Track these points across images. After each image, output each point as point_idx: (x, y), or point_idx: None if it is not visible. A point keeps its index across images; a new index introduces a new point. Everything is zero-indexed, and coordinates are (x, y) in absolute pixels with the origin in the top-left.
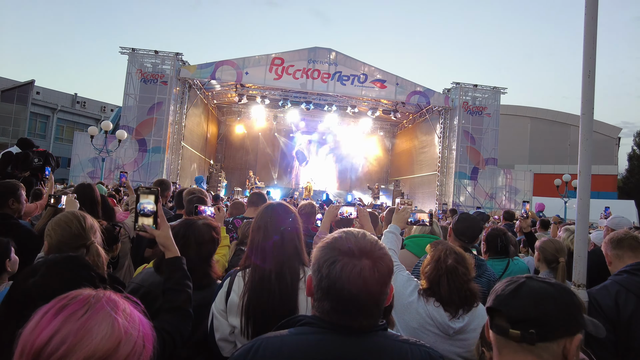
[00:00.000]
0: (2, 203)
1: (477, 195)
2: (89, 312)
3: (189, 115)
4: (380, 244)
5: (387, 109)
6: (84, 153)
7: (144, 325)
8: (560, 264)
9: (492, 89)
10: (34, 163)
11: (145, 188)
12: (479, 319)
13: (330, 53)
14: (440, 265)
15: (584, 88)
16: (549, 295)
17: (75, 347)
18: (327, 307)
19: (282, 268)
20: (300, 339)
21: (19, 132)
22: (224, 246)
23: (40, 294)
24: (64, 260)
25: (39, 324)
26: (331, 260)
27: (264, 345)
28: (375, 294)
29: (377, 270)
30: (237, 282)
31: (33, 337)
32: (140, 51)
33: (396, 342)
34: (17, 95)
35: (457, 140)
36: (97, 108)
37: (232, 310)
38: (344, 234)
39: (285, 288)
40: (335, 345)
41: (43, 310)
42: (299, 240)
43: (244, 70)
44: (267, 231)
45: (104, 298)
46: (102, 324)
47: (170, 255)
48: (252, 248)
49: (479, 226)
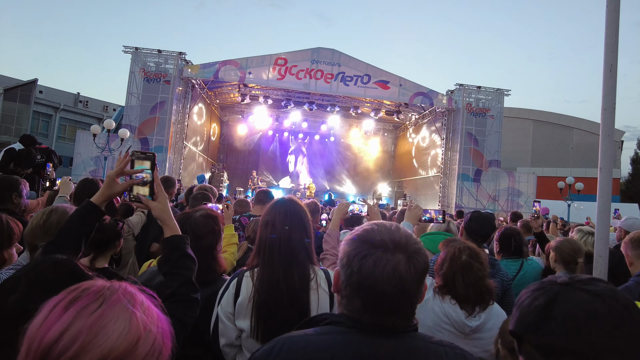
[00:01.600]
0: (5, 198)
1: (480, 198)
2: (104, 305)
3: (192, 114)
4: (415, 238)
5: (390, 110)
6: (86, 152)
7: (163, 321)
8: (578, 264)
9: (496, 91)
10: (36, 160)
11: (140, 152)
12: (495, 317)
13: (333, 53)
14: (454, 262)
15: (605, 82)
16: (595, 314)
17: (89, 345)
18: (358, 305)
19: (290, 266)
20: (327, 339)
21: (21, 131)
22: (232, 244)
23: (24, 313)
24: (48, 269)
25: (47, 319)
26: (363, 254)
27: (288, 345)
28: (410, 291)
29: (412, 266)
30: (245, 282)
31: (41, 334)
32: (143, 50)
33: (430, 343)
34: (20, 94)
35: (460, 142)
36: (99, 107)
37: (241, 312)
38: (376, 226)
39: (293, 287)
40: (366, 346)
41: (51, 303)
42: (308, 237)
43: (247, 70)
44: (274, 228)
45: (120, 290)
46: (119, 320)
47: (169, 233)
48: (259, 246)
49: (491, 225)
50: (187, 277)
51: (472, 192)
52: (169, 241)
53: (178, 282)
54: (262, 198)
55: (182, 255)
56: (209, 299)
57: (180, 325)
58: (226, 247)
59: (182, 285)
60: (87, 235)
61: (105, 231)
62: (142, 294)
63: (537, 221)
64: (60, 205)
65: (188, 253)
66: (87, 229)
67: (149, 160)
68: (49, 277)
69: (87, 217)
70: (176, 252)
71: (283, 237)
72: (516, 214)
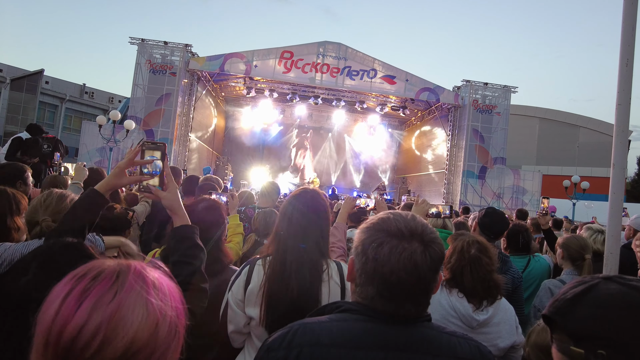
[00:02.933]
0: (11, 185)
1: (485, 195)
2: (119, 295)
3: (197, 107)
4: (431, 228)
5: (395, 105)
6: (91, 143)
7: (174, 296)
8: (586, 261)
9: (503, 88)
10: (43, 149)
11: (150, 142)
12: (503, 312)
13: (340, 47)
14: (463, 255)
15: (620, 77)
16: (629, 304)
17: (111, 337)
18: (372, 293)
19: (302, 262)
20: (341, 326)
21: (27, 121)
22: (237, 234)
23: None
24: (59, 251)
25: (62, 310)
26: (378, 241)
27: (302, 331)
28: (425, 280)
29: (429, 255)
30: (257, 270)
31: (58, 329)
32: (149, 42)
33: (443, 334)
34: (26, 84)
35: (466, 138)
36: (104, 99)
37: (251, 300)
38: (392, 215)
39: (304, 282)
40: (379, 333)
41: (61, 292)
42: (323, 231)
43: (253, 63)
44: (292, 219)
45: (130, 273)
46: (136, 308)
47: (179, 223)
48: (275, 236)
49: (506, 221)
50: (197, 267)
51: (477, 189)
52: (179, 231)
53: (187, 271)
54: (269, 191)
55: (192, 245)
56: (216, 290)
57: (189, 314)
58: (231, 237)
59: (191, 275)
60: (90, 222)
61: (116, 219)
62: (151, 272)
63: (545, 217)
64: (55, 189)
65: (197, 243)
66: (91, 216)
67: (159, 150)
68: (60, 259)
69: (91, 205)
70: (186, 242)
71: (299, 229)
72: (522, 212)
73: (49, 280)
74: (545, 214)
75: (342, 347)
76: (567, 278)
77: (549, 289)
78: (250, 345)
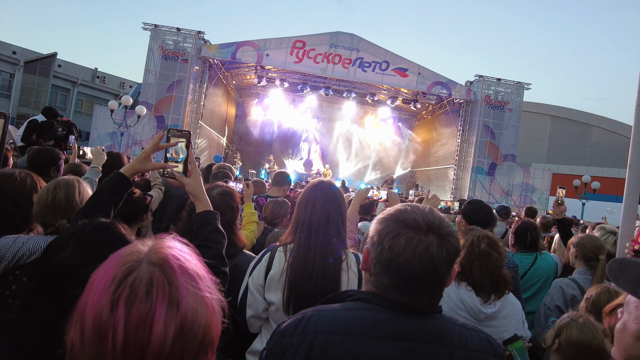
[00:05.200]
0: (44, 171)
1: (493, 191)
2: (182, 304)
3: (208, 94)
4: (448, 221)
5: (407, 98)
6: (103, 127)
7: (207, 272)
8: (600, 261)
9: (516, 84)
10: (58, 132)
11: (176, 130)
12: (510, 306)
13: (352, 38)
14: (473, 250)
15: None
16: None
17: (186, 343)
18: (386, 283)
19: (326, 247)
20: (354, 315)
21: (40, 104)
22: (252, 222)
23: (74, 271)
24: (95, 230)
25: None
26: (395, 232)
27: (315, 317)
28: (441, 272)
29: (445, 248)
30: (278, 257)
31: (137, 356)
32: (162, 28)
33: (455, 325)
34: (39, 67)
35: (477, 134)
36: (116, 84)
37: (272, 285)
38: (409, 207)
39: (328, 267)
40: (392, 323)
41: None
42: (342, 222)
43: (265, 52)
44: (314, 208)
45: (176, 272)
46: (198, 311)
47: (201, 208)
48: (297, 223)
49: (489, 209)
50: (218, 251)
51: (485, 186)
52: (202, 216)
53: (209, 254)
54: (280, 179)
55: (214, 230)
56: (231, 273)
57: None
58: (247, 225)
59: (213, 258)
60: (115, 204)
61: (135, 204)
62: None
63: (560, 207)
64: (61, 178)
65: (219, 228)
66: (116, 198)
67: (184, 138)
68: (94, 239)
69: (116, 188)
70: (208, 226)
71: (322, 218)
72: (531, 209)
73: (84, 259)
74: (560, 204)
75: (356, 335)
76: (580, 278)
77: (561, 287)
78: (267, 330)
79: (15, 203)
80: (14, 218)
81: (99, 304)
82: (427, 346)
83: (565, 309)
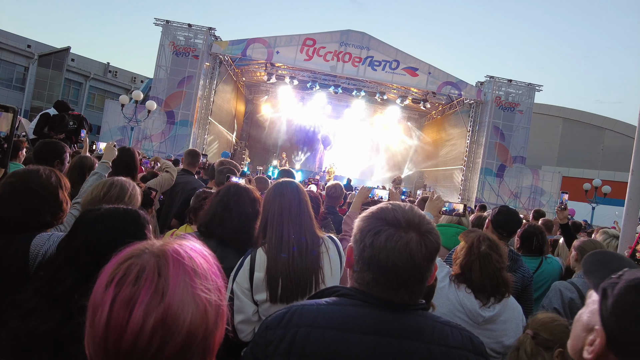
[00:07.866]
0: (49, 164)
1: (502, 193)
2: (166, 295)
3: (218, 91)
4: (429, 219)
5: (416, 98)
6: (113, 121)
7: (215, 273)
8: None
9: (527, 86)
10: (69, 126)
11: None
12: (510, 310)
13: (363, 37)
14: (473, 251)
15: None
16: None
17: (167, 337)
18: (368, 279)
19: (300, 228)
20: (337, 310)
21: (53, 97)
22: None
23: (103, 244)
24: (127, 213)
25: (113, 323)
26: (376, 230)
27: (299, 312)
28: (420, 268)
29: (424, 244)
30: (259, 257)
31: (114, 338)
32: (174, 24)
33: (437, 322)
34: (53, 60)
35: (486, 135)
36: (127, 78)
37: (259, 285)
38: (390, 205)
39: (305, 246)
40: (374, 319)
41: (107, 302)
42: (309, 209)
43: (275, 49)
44: (283, 197)
45: (170, 265)
46: (185, 305)
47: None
48: (267, 217)
49: (519, 220)
50: None
51: (494, 187)
52: None
53: None
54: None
55: None
56: None
57: None
58: None
59: None
60: None
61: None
62: (187, 253)
63: (564, 212)
64: (119, 178)
65: None
66: None
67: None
68: (129, 220)
69: None
70: None
71: (293, 203)
72: (539, 212)
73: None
74: (563, 209)
75: (337, 329)
76: (579, 281)
77: (559, 290)
78: None
79: (43, 199)
80: (44, 214)
81: (100, 280)
82: (406, 342)
83: (563, 311)
